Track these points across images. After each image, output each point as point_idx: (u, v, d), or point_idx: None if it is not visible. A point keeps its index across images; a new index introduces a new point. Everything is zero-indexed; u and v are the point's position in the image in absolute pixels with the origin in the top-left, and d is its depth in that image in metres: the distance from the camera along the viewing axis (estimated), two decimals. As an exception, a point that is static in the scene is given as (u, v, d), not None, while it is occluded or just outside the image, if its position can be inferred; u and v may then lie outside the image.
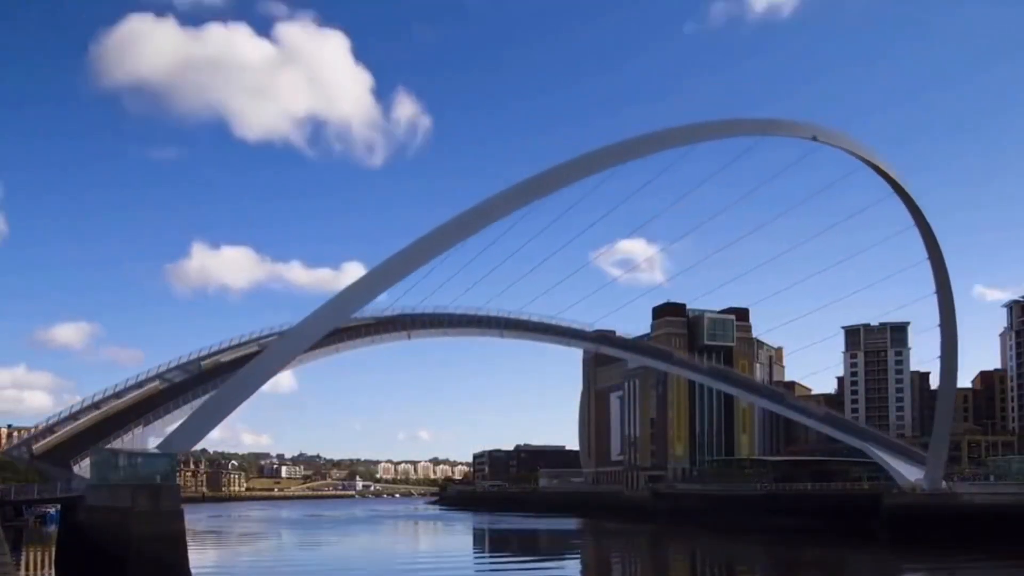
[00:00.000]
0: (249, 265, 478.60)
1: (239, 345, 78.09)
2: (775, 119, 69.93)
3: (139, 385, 71.01)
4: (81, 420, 66.12)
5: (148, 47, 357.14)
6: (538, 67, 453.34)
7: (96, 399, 68.66)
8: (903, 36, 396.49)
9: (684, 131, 63.17)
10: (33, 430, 67.30)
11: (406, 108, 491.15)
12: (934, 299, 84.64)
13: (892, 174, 76.86)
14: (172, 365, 73.95)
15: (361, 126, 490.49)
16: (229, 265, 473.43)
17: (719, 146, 70.25)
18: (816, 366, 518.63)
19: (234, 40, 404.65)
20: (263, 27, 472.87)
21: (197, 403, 64.62)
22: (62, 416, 67.00)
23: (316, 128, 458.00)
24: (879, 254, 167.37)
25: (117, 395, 69.46)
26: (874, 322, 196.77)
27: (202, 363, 74.26)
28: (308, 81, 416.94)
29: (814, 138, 68.58)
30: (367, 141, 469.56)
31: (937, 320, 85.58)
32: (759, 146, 69.65)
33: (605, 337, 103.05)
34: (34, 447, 63.48)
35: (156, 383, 71.53)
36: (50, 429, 65.42)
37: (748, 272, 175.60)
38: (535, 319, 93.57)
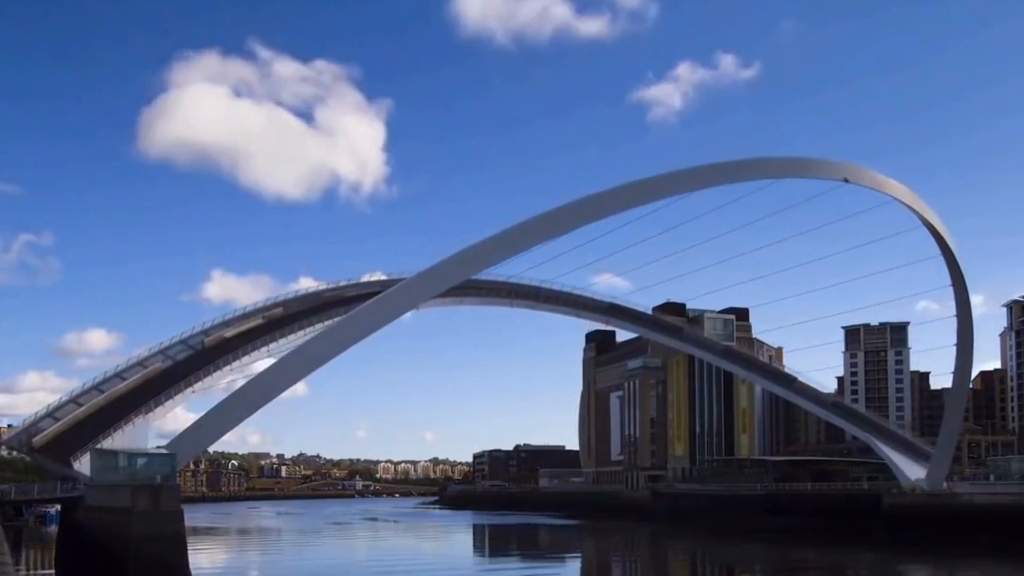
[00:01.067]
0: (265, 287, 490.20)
1: (243, 317, 76.17)
2: (806, 159, 68.79)
3: (142, 364, 68.98)
4: (84, 406, 64.15)
5: (193, 114, 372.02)
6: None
7: (97, 381, 66.71)
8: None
9: (710, 171, 62.65)
10: (34, 417, 65.11)
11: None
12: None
13: (927, 215, 75.75)
14: (175, 340, 71.87)
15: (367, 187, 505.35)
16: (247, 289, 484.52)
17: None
18: (816, 366, 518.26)
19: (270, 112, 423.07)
20: (303, 109, 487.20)
21: (199, 386, 64.09)
22: (63, 401, 65.12)
23: (331, 188, 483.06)
24: (882, 256, 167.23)
25: (120, 376, 67.43)
26: (874, 322, 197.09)
27: (204, 339, 72.49)
28: (331, 151, 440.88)
29: (845, 180, 67.71)
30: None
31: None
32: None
33: (617, 308, 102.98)
34: (34, 439, 61.37)
35: (159, 361, 69.42)
36: (51, 415, 63.52)
37: (754, 279, 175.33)
38: (546, 286, 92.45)
